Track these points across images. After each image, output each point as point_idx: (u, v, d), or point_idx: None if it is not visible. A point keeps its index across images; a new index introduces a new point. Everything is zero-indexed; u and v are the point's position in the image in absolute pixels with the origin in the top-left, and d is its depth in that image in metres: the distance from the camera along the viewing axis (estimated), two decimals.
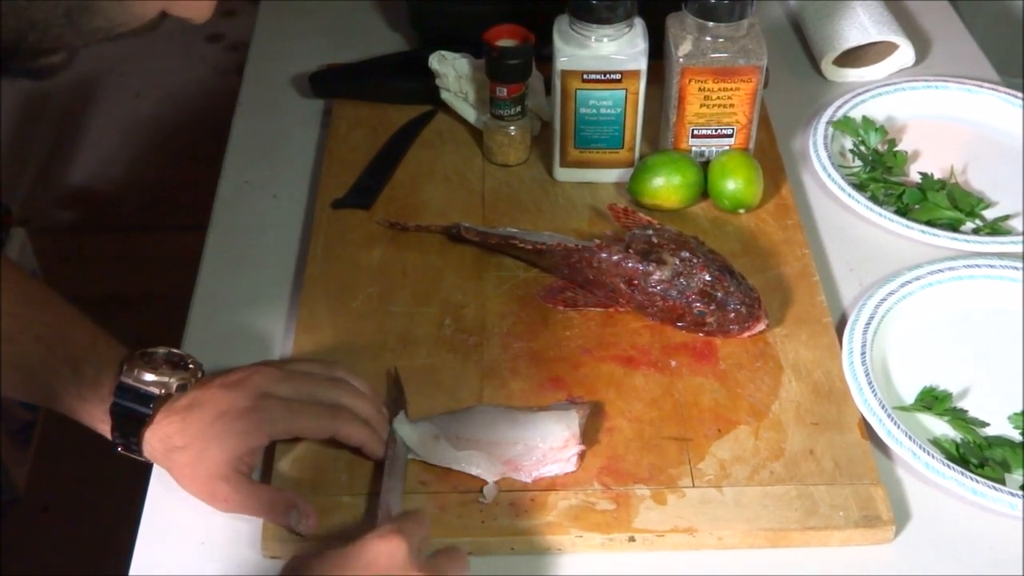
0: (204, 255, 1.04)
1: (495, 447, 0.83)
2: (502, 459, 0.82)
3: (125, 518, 0.90)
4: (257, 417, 0.79)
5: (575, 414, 0.85)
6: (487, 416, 0.86)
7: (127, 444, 0.82)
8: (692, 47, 1.02)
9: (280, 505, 0.79)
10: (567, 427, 0.84)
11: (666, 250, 0.93)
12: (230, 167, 1.14)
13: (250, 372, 0.82)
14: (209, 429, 0.79)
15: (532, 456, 0.83)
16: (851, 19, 1.24)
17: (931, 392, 0.89)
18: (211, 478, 0.79)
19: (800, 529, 0.80)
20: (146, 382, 0.81)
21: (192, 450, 0.79)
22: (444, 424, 0.85)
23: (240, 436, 0.79)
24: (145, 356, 0.83)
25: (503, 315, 0.96)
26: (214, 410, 0.80)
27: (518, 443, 0.83)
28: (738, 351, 0.92)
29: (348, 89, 1.20)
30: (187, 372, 0.83)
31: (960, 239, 1.03)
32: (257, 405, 0.80)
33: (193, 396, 0.81)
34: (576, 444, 0.83)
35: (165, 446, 0.80)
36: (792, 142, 1.16)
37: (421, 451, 0.84)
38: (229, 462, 0.79)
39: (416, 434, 0.84)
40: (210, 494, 0.80)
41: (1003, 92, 1.20)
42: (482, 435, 0.84)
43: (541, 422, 0.84)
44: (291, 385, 0.82)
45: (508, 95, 1.08)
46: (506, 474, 0.82)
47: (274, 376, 0.82)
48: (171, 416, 0.81)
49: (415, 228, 1.04)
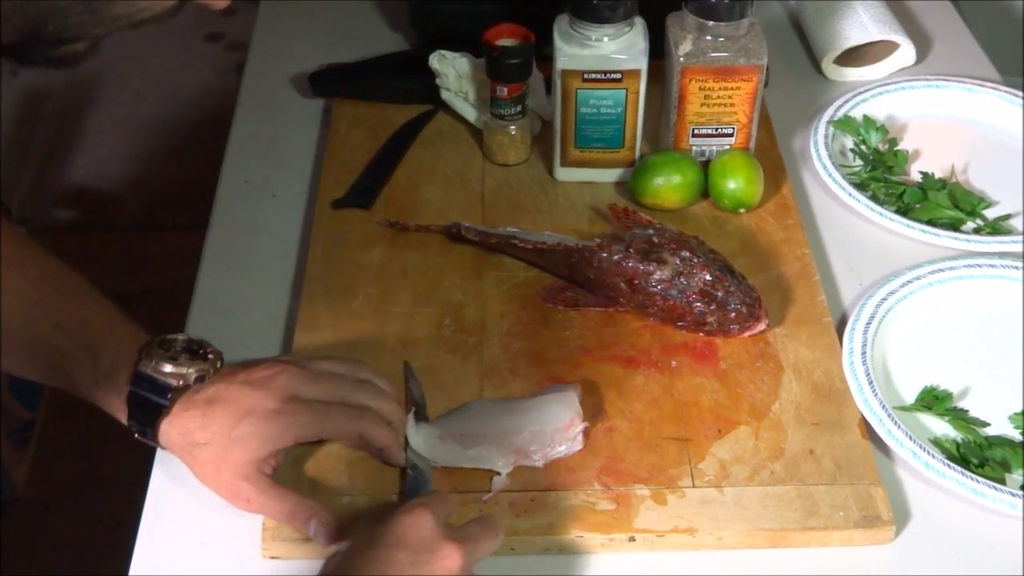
0: (204, 255, 1.04)
1: (502, 438, 0.83)
2: (512, 448, 0.83)
3: (125, 518, 0.90)
4: (285, 420, 0.79)
5: (573, 392, 0.85)
6: (487, 409, 0.86)
7: (143, 432, 0.81)
8: (692, 46, 1.02)
9: (302, 513, 0.78)
10: (568, 406, 0.84)
11: (666, 250, 0.93)
12: (230, 166, 1.14)
13: (276, 371, 0.81)
14: (234, 429, 0.78)
15: (541, 440, 0.83)
16: (852, 18, 1.24)
17: (931, 392, 0.89)
18: (235, 478, 0.79)
19: (800, 529, 0.80)
20: (164, 372, 0.80)
21: (215, 448, 0.79)
22: (446, 424, 0.85)
23: (266, 439, 0.79)
24: (164, 344, 0.82)
25: (503, 315, 0.95)
26: (239, 409, 0.79)
27: (523, 430, 0.83)
28: (738, 351, 0.92)
29: (348, 89, 1.20)
30: (206, 363, 0.82)
31: (961, 239, 1.03)
32: (284, 408, 0.79)
33: (215, 390, 0.80)
34: (580, 421, 0.84)
35: (185, 440, 0.80)
36: (792, 141, 1.16)
37: (431, 454, 0.83)
38: (253, 463, 0.79)
39: (422, 438, 0.84)
40: (233, 493, 0.80)
41: (1004, 92, 1.20)
42: (487, 428, 0.84)
43: (542, 406, 0.85)
44: (318, 387, 0.81)
45: (508, 95, 1.08)
46: (518, 462, 0.82)
47: (301, 377, 0.81)
48: (191, 410, 0.80)
49: (415, 228, 1.03)
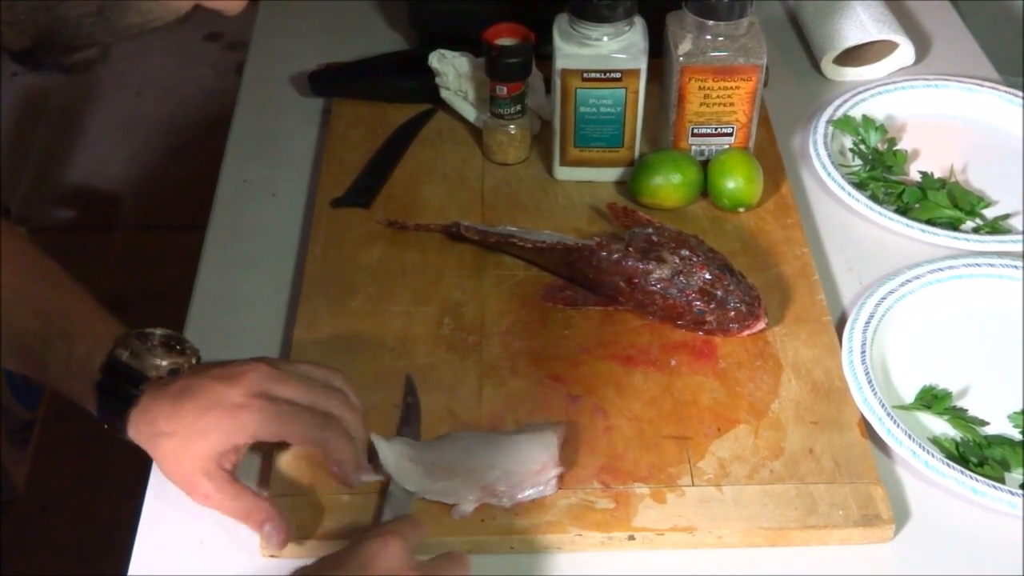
0: (203, 254, 1.04)
1: (471, 473, 0.81)
2: (479, 484, 0.80)
3: (124, 518, 0.89)
4: (246, 416, 0.77)
5: (553, 435, 0.83)
6: (464, 442, 0.84)
7: (111, 423, 0.80)
8: (692, 46, 1.02)
9: (257, 514, 0.78)
10: (545, 449, 0.82)
11: (666, 249, 0.93)
12: (229, 166, 1.14)
13: (247, 368, 0.80)
14: (198, 421, 0.77)
15: (510, 480, 0.81)
16: (851, 18, 1.24)
17: (931, 391, 0.89)
18: (194, 471, 0.78)
19: (800, 528, 0.80)
20: (138, 362, 0.80)
21: (177, 439, 0.78)
22: (421, 450, 0.83)
23: (225, 433, 0.77)
24: (141, 336, 0.82)
25: (502, 314, 0.95)
26: (206, 401, 0.78)
27: (495, 468, 0.81)
28: (738, 350, 0.92)
29: (347, 88, 1.20)
30: (182, 357, 0.82)
31: (960, 238, 1.03)
32: (248, 404, 0.78)
33: (185, 383, 0.79)
34: (554, 466, 0.81)
35: (151, 430, 0.79)
36: (792, 141, 1.16)
37: (398, 476, 0.81)
38: (213, 457, 0.78)
39: (393, 456, 0.82)
40: (191, 487, 0.79)
41: (1003, 91, 1.20)
42: (458, 462, 0.82)
43: (519, 445, 0.83)
44: (287, 387, 0.80)
45: (508, 94, 1.08)
46: (484, 499, 0.80)
47: (271, 375, 0.80)
48: (160, 401, 0.79)
49: (414, 227, 1.03)
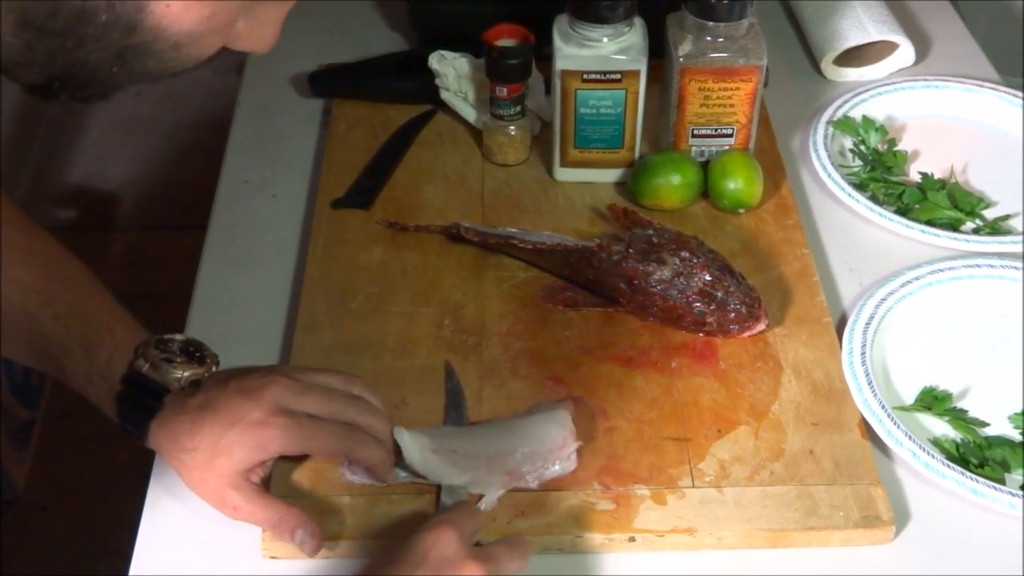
0: (204, 255, 1.04)
1: (494, 459, 0.82)
2: (505, 470, 0.81)
3: (125, 518, 0.89)
4: (269, 433, 0.78)
5: (564, 411, 0.84)
6: (482, 430, 0.85)
7: (131, 431, 0.81)
8: (692, 47, 1.02)
9: (288, 523, 0.78)
10: (561, 425, 0.83)
11: (666, 250, 0.93)
12: (229, 167, 1.14)
13: (268, 380, 0.80)
14: (221, 438, 0.78)
15: (534, 461, 0.82)
16: (851, 18, 1.24)
17: (931, 392, 0.89)
18: (221, 486, 0.79)
19: (800, 529, 0.80)
20: (158, 374, 0.80)
21: (202, 455, 0.78)
22: (443, 439, 0.83)
23: (251, 449, 0.78)
24: (161, 344, 0.82)
25: (503, 315, 0.95)
26: (227, 417, 0.78)
27: (516, 451, 0.82)
28: (738, 351, 0.92)
29: (347, 89, 1.20)
30: (202, 367, 0.82)
31: (960, 239, 1.03)
32: (271, 420, 0.78)
33: (206, 396, 0.80)
34: (574, 440, 0.83)
35: (174, 445, 0.79)
36: (792, 142, 1.16)
37: (423, 468, 0.81)
38: (240, 472, 0.79)
39: (417, 449, 0.82)
40: (220, 500, 0.79)
41: (1003, 92, 1.20)
42: (480, 449, 0.83)
43: (534, 426, 0.84)
44: (309, 400, 0.80)
45: (508, 95, 1.08)
46: (512, 484, 0.81)
47: (292, 389, 0.80)
48: (182, 415, 0.79)
49: (414, 228, 1.03)
